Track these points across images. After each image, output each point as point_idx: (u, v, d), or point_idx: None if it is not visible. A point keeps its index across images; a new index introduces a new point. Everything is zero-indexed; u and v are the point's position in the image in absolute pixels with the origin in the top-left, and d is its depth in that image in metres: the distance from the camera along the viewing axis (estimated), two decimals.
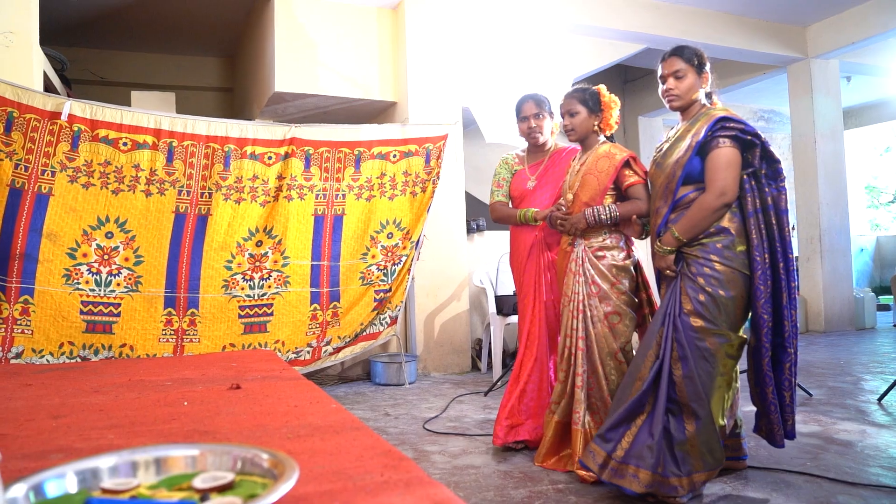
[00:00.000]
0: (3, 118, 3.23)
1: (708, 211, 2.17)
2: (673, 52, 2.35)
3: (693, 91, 2.31)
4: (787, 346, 2.20)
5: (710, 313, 2.14)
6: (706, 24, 6.01)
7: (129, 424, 1.62)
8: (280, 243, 3.83)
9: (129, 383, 2.29)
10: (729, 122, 2.20)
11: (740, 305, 2.18)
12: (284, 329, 3.81)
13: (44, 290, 3.30)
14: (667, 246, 2.25)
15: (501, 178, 3.04)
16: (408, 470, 1.24)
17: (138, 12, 5.89)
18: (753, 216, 2.19)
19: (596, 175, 2.55)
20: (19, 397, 2.03)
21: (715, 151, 2.19)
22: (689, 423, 2.11)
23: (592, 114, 2.62)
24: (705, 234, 2.19)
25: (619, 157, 2.53)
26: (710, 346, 2.13)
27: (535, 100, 2.96)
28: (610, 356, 2.47)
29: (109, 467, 0.85)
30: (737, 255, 2.17)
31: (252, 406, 1.81)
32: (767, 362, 2.19)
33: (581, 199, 2.57)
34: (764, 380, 2.21)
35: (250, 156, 3.79)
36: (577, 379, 2.49)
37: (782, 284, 2.17)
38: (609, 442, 2.18)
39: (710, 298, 2.14)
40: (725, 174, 2.16)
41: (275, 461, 0.87)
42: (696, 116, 2.30)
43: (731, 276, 2.16)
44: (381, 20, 5.10)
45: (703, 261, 2.18)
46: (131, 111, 3.58)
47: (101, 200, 3.47)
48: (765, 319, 2.15)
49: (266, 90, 5.07)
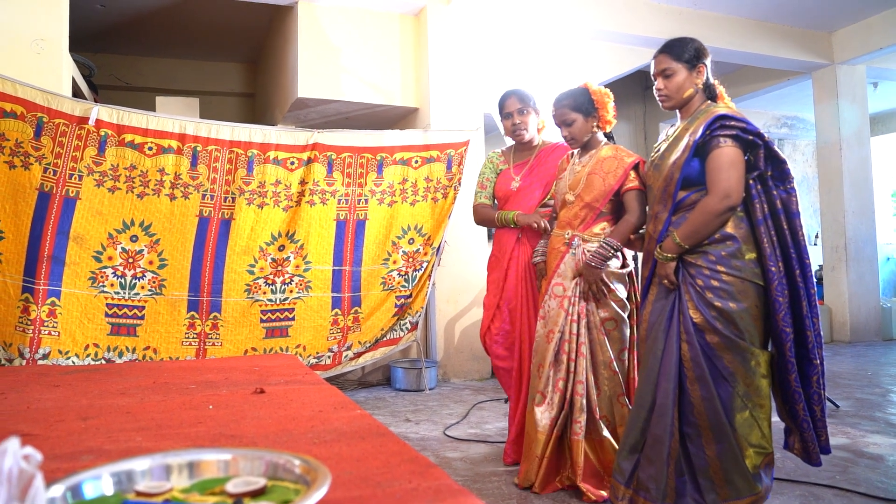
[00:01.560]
0: (33, 123, 3.29)
1: (711, 215, 2.00)
2: (661, 49, 2.20)
3: (684, 89, 2.15)
4: (813, 357, 2.03)
5: (725, 327, 1.97)
6: (729, 29, 5.96)
7: (156, 427, 1.63)
8: (302, 248, 3.85)
9: (154, 386, 2.31)
10: (729, 120, 2.03)
11: (756, 317, 2.01)
12: (306, 334, 3.83)
13: (70, 293, 3.34)
14: (668, 252, 2.08)
15: (485, 178, 2.91)
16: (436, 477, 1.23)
17: (163, 19, 5.98)
18: (763, 223, 2.02)
19: (602, 176, 2.44)
20: (48, 398, 2.06)
21: (716, 151, 2.02)
22: (709, 447, 1.97)
23: (589, 116, 2.49)
24: (709, 240, 2.03)
25: (628, 160, 2.42)
26: (729, 365, 1.97)
27: (518, 95, 2.81)
28: (604, 365, 2.35)
29: (143, 470, 0.85)
30: (746, 263, 2.00)
31: (277, 410, 1.82)
32: (795, 377, 2.01)
33: (584, 199, 2.46)
34: (793, 396, 2.03)
35: (273, 161, 3.81)
36: (579, 387, 2.36)
37: (801, 293, 2.00)
38: (623, 473, 2.07)
39: (720, 313, 1.98)
40: (729, 175, 1.99)
41: (307, 467, 0.86)
42: (694, 114, 2.14)
43: (740, 287, 1.99)
44: (404, 26, 5.12)
45: (710, 273, 2.01)
46: (157, 116, 3.62)
47: (127, 204, 3.51)
48: (787, 333, 1.98)
49: (289, 96, 5.10)
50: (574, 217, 2.48)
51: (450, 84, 4.94)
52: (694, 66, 2.14)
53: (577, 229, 2.47)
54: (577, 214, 2.48)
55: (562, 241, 2.50)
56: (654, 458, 2.00)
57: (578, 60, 5.39)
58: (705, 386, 1.97)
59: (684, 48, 2.15)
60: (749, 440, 1.97)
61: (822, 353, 2.06)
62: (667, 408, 2.00)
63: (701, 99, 2.17)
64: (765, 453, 1.99)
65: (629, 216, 2.40)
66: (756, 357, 1.99)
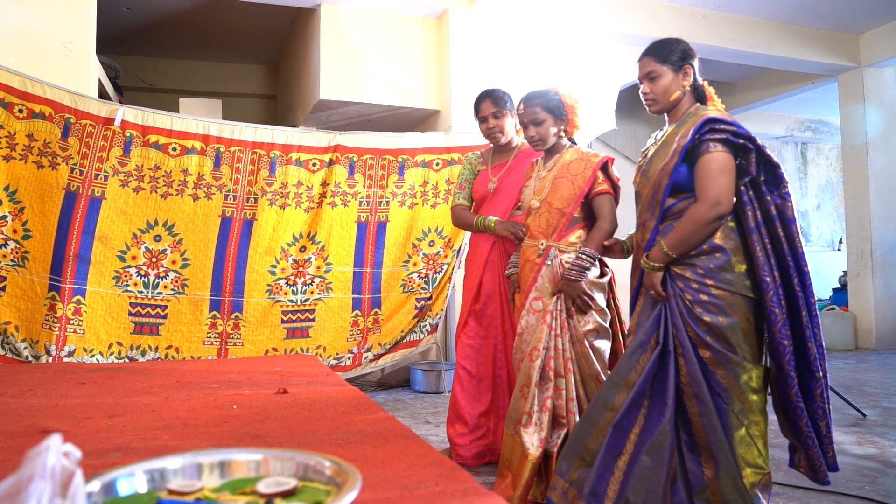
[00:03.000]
0: (60, 124, 3.33)
1: (700, 224, 1.91)
2: (645, 52, 2.11)
3: (671, 92, 2.06)
4: (815, 369, 1.91)
5: (716, 342, 1.89)
6: (753, 32, 5.89)
7: (182, 426, 1.64)
8: (323, 249, 3.86)
9: (178, 385, 2.33)
10: (719, 123, 1.94)
11: (748, 331, 1.92)
12: (326, 335, 3.84)
13: (95, 291, 3.38)
14: (655, 262, 1.99)
15: (464, 179, 2.85)
16: (462, 480, 1.22)
17: (186, 21, 6.05)
18: (756, 231, 1.92)
19: (570, 179, 2.33)
20: (75, 395, 2.08)
21: (705, 157, 1.93)
22: (707, 466, 1.88)
23: (558, 119, 2.39)
24: (697, 251, 1.94)
25: (595, 160, 2.32)
26: (722, 381, 1.88)
27: (493, 97, 2.75)
28: (593, 379, 2.24)
29: (176, 469, 0.86)
30: (736, 276, 1.91)
31: (300, 411, 1.82)
32: (796, 392, 1.91)
33: (554, 205, 2.35)
34: (796, 412, 1.92)
35: (295, 162, 3.83)
36: (571, 404, 2.24)
37: (800, 303, 1.90)
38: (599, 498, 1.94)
39: (709, 328, 1.90)
40: (719, 181, 1.90)
41: (337, 469, 0.86)
42: (682, 118, 2.05)
43: (731, 301, 1.90)
44: (426, 29, 5.13)
45: (698, 286, 1.92)
46: (181, 117, 3.66)
47: (151, 204, 3.55)
48: (784, 346, 1.88)
49: (311, 97, 5.13)
50: (546, 225, 2.37)
51: (471, 86, 4.93)
52: (680, 67, 2.06)
53: (552, 239, 2.36)
54: (548, 222, 2.36)
55: (535, 253, 2.39)
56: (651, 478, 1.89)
57: (602, 63, 5.36)
58: (703, 402, 1.88)
59: (669, 50, 2.08)
60: (746, 459, 1.88)
61: (825, 366, 1.94)
62: (667, 428, 1.90)
63: (689, 101, 2.09)
64: (762, 473, 1.89)
65: (601, 222, 2.31)
66: (748, 372, 1.90)
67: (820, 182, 10.44)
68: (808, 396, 1.93)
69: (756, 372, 1.91)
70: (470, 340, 2.75)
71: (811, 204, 10.32)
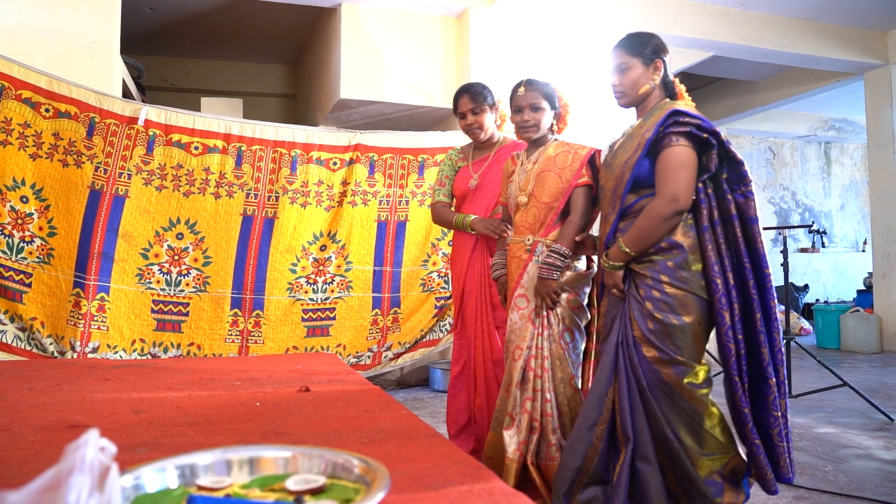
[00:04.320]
0: (85, 123, 3.38)
1: (658, 220, 1.86)
2: (616, 44, 2.07)
3: (640, 85, 2.03)
4: (768, 375, 1.86)
5: (661, 341, 1.86)
6: (777, 30, 5.82)
7: (206, 423, 1.66)
8: (344, 248, 3.88)
9: (200, 382, 2.35)
10: (683, 116, 1.88)
11: (698, 333, 1.87)
12: (346, 333, 3.85)
13: (119, 288, 3.42)
14: (614, 261, 1.95)
15: (444, 175, 2.76)
16: (488, 479, 1.22)
17: (208, 21, 6.10)
18: (709, 230, 1.88)
19: (557, 172, 2.26)
20: (100, 391, 2.11)
21: (666, 150, 1.88)
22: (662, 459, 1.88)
23: (554, 111, 2.35)
24: (655, 248, 1.90)
25: (583, 152, 2.24)
26: (667, 378, 1.85)
27: (471, 93, 2.67)
28: (564, 382, 2.17)
29: (206, 465, 0.86)
30: (691, 275, 1.87)
31: (323, 409, 1.83)
32: (741, 396, 1.86)
33: (541, 199, 2.27)
34: (741, 417, 1.88)
35: (316, 161, 3.85)
36: (547, 406, 2.18)
37: (754, 306, 1.86)
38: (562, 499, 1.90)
39: (659, 325, 1.86)
40: (678, 176, 1.86)
41: (366, 467, 0.86)
42: (650, 112, 2.01)
43: (683, 301, 1.86)
44: (446, 28, 5.13)
45: (653, 282, 1.89)
46: (203, 116, 3.69)
47: (173, 202, 3.58)
48: (731, 349, 1.84)
49: (331, 97, 5.15)
50: (533, 220, 2.30)
51: (491, 85, 4.91)
52: (651, 61, 2.03)
53: (539, 234, 2.28)
54: (535, 217, 2.29)
55: (523, 249, 2.32)
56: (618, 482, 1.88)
57: None
58: (646, 399, 1.87)
59: (641, 42, 2.05)
60: (699, 450, 1.85)
61: (783, 372, 1.89)
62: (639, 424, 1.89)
63: (659, 96, 2.05)
64: (727, 456, 1.87)
65: (573, 216, 2.22)
66: (693, 371, 1.86)
67: (844, 182, 10.29)
68: (759, 403, 1.89)
69: (701, 369, 1.88)
70: (459, 340, 2.70)
71: (835, 204, 10.18)
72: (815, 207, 10.00)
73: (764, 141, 9.70)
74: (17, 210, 3.26)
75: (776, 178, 9.79)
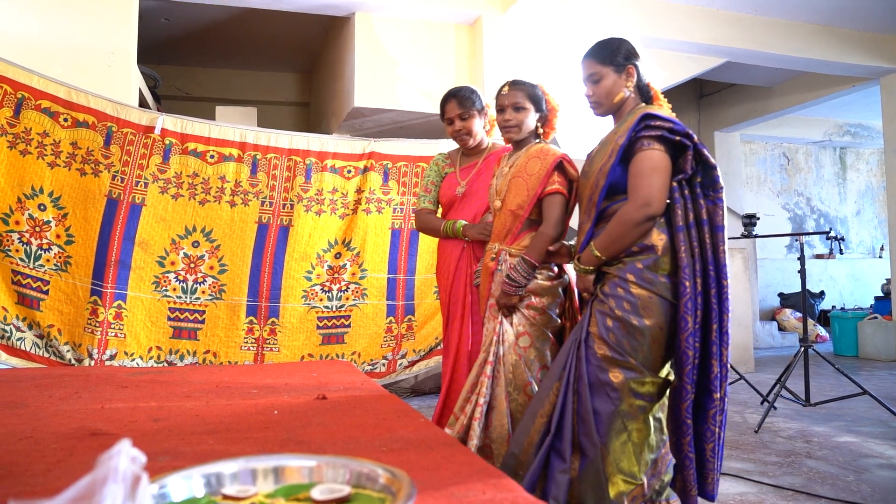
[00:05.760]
0: (103, 132, 3.41)
1: (629, 224, 1.84)
2: (586, 53, 2.06)
3: (614, 93, 2.01)
4: (713, 389, 1.82)
5: (617, 341, 1.81)
6: (791, 35, 5.79)
7: (225, 431, 1.66)
8: (358, 255, 3.88)
9: (217, 389, 2.35)
10: (654, 119, 1.86)
11: (658, 338, 1.83)
12: (361, 341, 3.85)
13: (135, 296, 3.44)
14: (586, 265, 1.93)
15: (430, 181, 2.69)
16: (510, 489, 1.21)
17: (222, 31, 6.16)
18: (684, 231, 1.84)
19: (525, 179, 2.20)
20: (118, 398, 2.12)
21: (638, 155, 1.86)
22: (574, 462, 1.81)
23: (539, 113, 2.31)
24: (627, 252, 1.88)
25: (551, 157, 2.18)
26: (614, 380, 1.80)
27: (459, 98, 2.59)
28: (518, 390, 2.11)
29: (231, 473, 0.86)
30: (659, 277, 1.84)
31: (341, 418, 1.83)
32: (687, 407, 1.82)
33: (508, 207, 2.22)
34: (681, 428, 1.84)
35: (330, 169, 3.86)
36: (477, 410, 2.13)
37: (713, 315, 1.82)
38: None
39: (618, 324, 1.82)
40: (650, 181, 1.83)
41: (391, 478, 0.86)
42: (625, 118, 1.99)
43: (647, 302, 1.82)
44: (459, 36, 5.15)
45: (619, 280, 1.86)
46: (218, 125, 3.72)
47: (189, 211, 3.60)
48: (689, 356, 1.79)
49: (345, 105, 5.18)
50: (501, 227, 2.26)
51: None
52: (623, 68, 2.01)
53: (505, 242, 2.24)
54: (503, 224, 2.25)
55: (489, 257, 2.28)
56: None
57: None
58: (581, 400, 1.82)
59: (611, 50, 2.03)
60: (620, 465, 1.79)
61: (725, 388, 1.85)
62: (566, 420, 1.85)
63: (635, 102, 2.03)
64: (634, 484, 1.79)
65: (544, 226, 2.16)
66: (641, 378, 1.82)
67: (860, 187, 10.20)
68: (700, 415, 1.86)
69: (651, 380, 1.83)
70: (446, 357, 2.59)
71: (850, 210, 10.09)
72: (830, 213, 9.91)
73: (778, 147, 9.64)
74: (35, 218, 3.29)
75: (790, 184, 9.71)
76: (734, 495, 2.50)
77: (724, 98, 8.45)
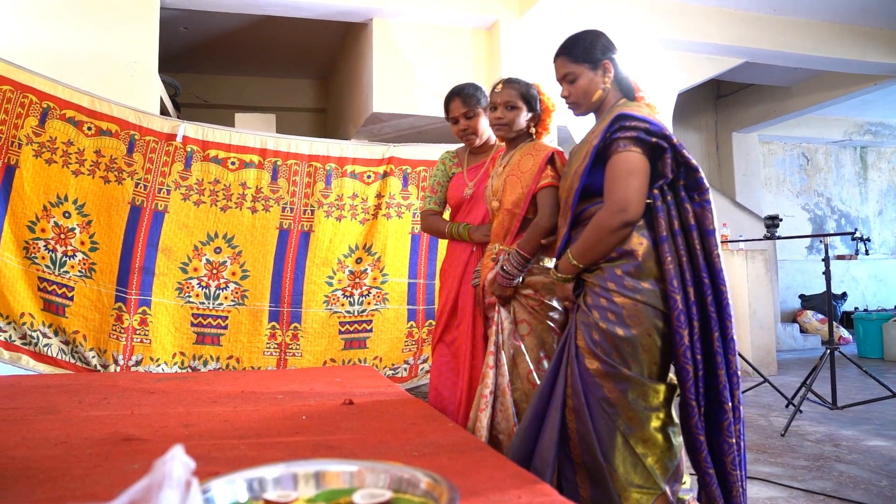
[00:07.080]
0: (126, 140, 3.45)
1: (605, 231, 1.74)
2: (558, 51, 1.98)
3: (591, 92, 1.93)
4: (724, 400, 1.72)
5: (606, 353, 1.72)
6: (811, 35, 5.74)
7: (255, 436, 1.66)
8: (379, 260, 3.89)
9: (243, 395, 2.36)
10: (629, 120, 1.76)
11: (648, 346, 1.73)
12: (382, 345, 3.85)
13: (159, 302, 3.47)
14: (562, 273, 1.86)
15: (436, 181, 2.63)
16: (544, 493, 1.20)
17: (240, 39, 6.22)
18: (668, 240, 1.73)
19: (519, 176, 2.17)
20: (146, 404, 2.14)
21: (614, 157, 1.76)
22: (583, 487, 1.74)
23: (532, 112, 2.28)
24: (606, 258, 1.78)
25: (543, 152, 2.15)
26: (609, 395, 1.71)
27: (463, 96, 2.53)
28: (521, 378, 2.09)
29: (274, 478, 0.86)
30: (641, 284, 1.74)
31: (370, 422, 1.83)
32: (696, 423, 1.73)
33: (504, 206, 2.19)
34: (695, 444, 1.74)
35: (350, 174, 3.88)
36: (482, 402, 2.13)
37: (712, 325, 1.72)
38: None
39: (604, 336, 1.73)
40: (626, 184, 1.72)
41: (433, 483, 0.85)
42: (603, 116, 1.91)
43: (632, 311, 1.72)
44: (476, 41, 5.15)
45: (600, 290, 1.76)
46: (239, 132, 3.74)
47: (211, 217, 3.63)
48: (688, 371, 1.70)
49: (363, 111, 5.20)
50: (499, 227, 2.24)
51: None
52: (598, 64, 1.93)
53: (504, 242, 2.22)
54: (501, 224, 2.23)
55: (489, 257, 2.25)
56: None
57: (655, 70, 5.29)
58: (581, 419, 1.72)
59: (584, 46, 1.95)
60: (631, 479, 1.70)
61: (739, 396, 1.74)
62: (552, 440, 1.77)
63: (615, 97, 1.93)
64: (654, 494, 1.70)
65: (538, 219, 2.12)
66: (641, 388, 1.72)
67: (881, 187, 10.06)
68: (714, 428, 1.76)
69: (653, 388, 1.73)
70: (443, 358, 2.49)
71: (872, 210, 9.96)
72: (851, 213, 9.79)
73: (797, 147, 9.54)
74: (60, 225, 3.33)
75: (810, 185, 9.61)
76: (763, 500, 2.47)
77: (741, 99, 8.39)
